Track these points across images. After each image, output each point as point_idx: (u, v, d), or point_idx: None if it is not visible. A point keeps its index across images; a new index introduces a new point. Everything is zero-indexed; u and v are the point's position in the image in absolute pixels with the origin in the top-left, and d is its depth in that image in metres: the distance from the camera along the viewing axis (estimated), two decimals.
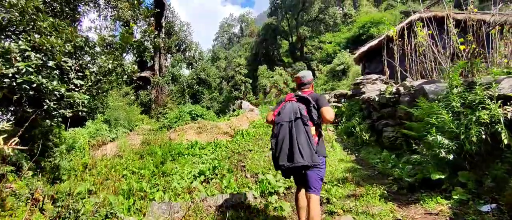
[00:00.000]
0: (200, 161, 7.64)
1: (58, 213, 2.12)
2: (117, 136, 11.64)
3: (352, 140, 8.08)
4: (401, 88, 6.27)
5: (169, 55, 24.67)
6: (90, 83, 4.80)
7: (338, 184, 4.40)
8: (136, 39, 5.37)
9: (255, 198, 3.91)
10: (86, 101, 4.40)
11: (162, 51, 21.75)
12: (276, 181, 4.51)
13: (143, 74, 21.60)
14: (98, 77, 4.96)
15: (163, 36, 21.76)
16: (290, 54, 42.25)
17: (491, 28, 6.34)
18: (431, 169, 3.43)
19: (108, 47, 4.93)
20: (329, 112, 2.66)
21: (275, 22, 40.15)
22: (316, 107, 2.73)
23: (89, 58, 4.79)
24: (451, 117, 3.28)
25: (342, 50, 31.34)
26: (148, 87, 21.43)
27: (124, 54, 4.79)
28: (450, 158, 3.11)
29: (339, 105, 11.48)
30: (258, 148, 8.35)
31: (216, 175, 5.85)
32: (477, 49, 6.68)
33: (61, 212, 2.11)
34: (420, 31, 7.87)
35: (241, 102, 18.12)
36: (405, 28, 8.92)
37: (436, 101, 4.12)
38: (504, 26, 6.54)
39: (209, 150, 8.72)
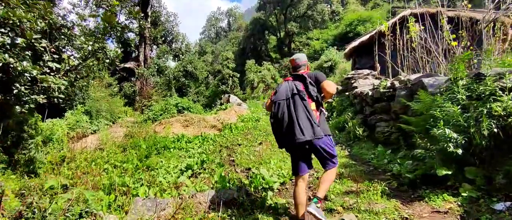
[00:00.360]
0: (187, 155, 7.31)
1: (20, 212, 1.76)
2: (98, 128, 11.10)
3: (343, 135, 7.93)
4: (396, 82, 6.12)
5: (154, 46, 23.87)
6: (67, 67, 4.36)
7: (335, 180, 4.19)
8: (120, 22, 4.95)
9: (249, 194, 3.63)
10: (62, 87, 3.99)
11: (147, 41, 20.98)
12: (270, 176, 4.25)
13: (127, 65, 20.84)
14: (77, 61, 4.52)
15: (149, 25, 20.98)
16: (277, 50, 42.04)
17: (486, 25, 6.30)
18: (436, 164, 3.24)
19: (88, 29, 4.50)
20: (330, 86, 2.62)
21: (263, 17, 39.82)
22: (315, 84, 2.68)
23: (67, 40, 4.34)
24: (459, 110, 3.09)
25: (330, 47, 31.32)
26: (132, 78, 20.68)
27: (107, 36, 4.36)
28: (459, 153, 2.92)
29: (329, 100, 11.33)
30: (247, 142, 8.10)
31: (205, 169, 5.55)
32: (471, 47, 6.66)
33: (23, 212, 1.75)
34: (413, 26, 7.80)
35: (229, 96, 17.78)
36: (397, 23, 8.85)
37: (438, 94, 3.95)
38: (495, 23, 6.53)
39: (196, 144, 8.40)
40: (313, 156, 2.82)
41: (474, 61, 6.15)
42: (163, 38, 24.35)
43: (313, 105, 2.62)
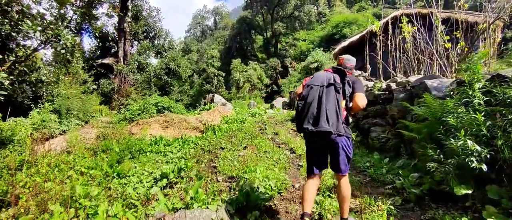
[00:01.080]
0: (164, 160, 6.65)
1: None
2: (68, 129, 10.17)
3: None
4: (393, 84, 5.69)
5: (135, 42, 22.75)
6: (13, 58, 3.61)
7: (331, 194, 3.65)
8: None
9: (231, 215, 3.02)
10: (6, 82, 3.26)
11: (127, 36, 19.88)
12: (256, 190, 3.66)
13: (105, 61, 19.72)
14: (27, 52, 3.77)
15: (130, 20, 19.90)
16: (264, 50, 41.56)
17: (488, 26, 6.00)
18: (452, 181, 2.75)
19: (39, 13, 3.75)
20: (361, 99, 2.53)
21: (250, 16, 39.23)
22: (351, 87, 2.62)
23: (13, 25, 3.59)
24: (483, 118, 2.62)
25: (316, 48, 31.13)
26: (110, 75, 19.55)
27: (62, 23, 3.63)
28: (484, 169, 2.45)
29: None
30: (231, 146, 7.50)
31: (182, 178, 4.92)
32: (466, 48, 6.36)
33: None
34: (406, 26, 7.48)
35: (213, 96, 17.04)
36: (389, 23, 8.53)
37: (447, 98, 3.49)
38: (490, 25, 6.27)
39: (175, 147, 7.72)
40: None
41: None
42: (145, 34, 23.25)
43: (343, 103, 2.58)
